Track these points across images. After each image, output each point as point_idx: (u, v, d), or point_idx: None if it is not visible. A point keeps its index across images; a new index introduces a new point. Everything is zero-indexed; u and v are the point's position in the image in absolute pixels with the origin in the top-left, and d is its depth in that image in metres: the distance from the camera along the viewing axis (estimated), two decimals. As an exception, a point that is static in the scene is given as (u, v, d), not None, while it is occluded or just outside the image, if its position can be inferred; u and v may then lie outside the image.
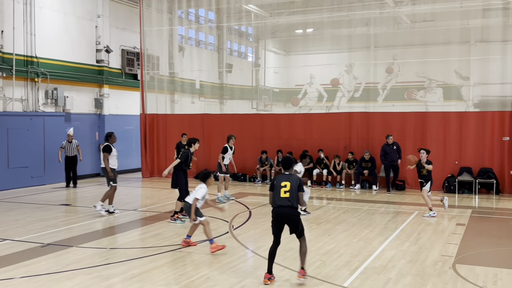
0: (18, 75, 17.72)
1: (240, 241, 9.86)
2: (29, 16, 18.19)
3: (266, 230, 10.70)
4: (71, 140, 18.00)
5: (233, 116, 20.80)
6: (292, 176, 7.46)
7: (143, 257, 8.69)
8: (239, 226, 11.27)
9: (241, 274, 7.77)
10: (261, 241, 9.79)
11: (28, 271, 7.85)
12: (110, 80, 21.86)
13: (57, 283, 7.30)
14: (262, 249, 9.14)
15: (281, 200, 7.30)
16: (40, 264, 8.29)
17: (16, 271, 7.87)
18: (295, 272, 7.70)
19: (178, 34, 23.40)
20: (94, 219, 12.20)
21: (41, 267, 8.11)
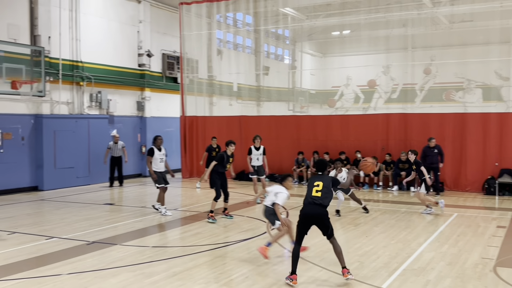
0: (64, 79, 18.23)
1: (277, 242, 9.83)
2: (74, 23, 18.68)
3: (303, 231, 10.66)
4: (117, 141, 18.46)
5: (270, 118, 20.82)
6: (325, 176, 7.47)
7: (184, 255, 8.79)
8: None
9: (279, 274, 7.76)
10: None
11: (74, 268, 8.06)
12: (152, 83, 22.24)
13: (102, 279, 7.46)
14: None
15: (312, 198, 7.31)
16: (85, 261, 8.49)
17: (63, 267, 8.09)
18: (333, 273, 7.65)
19: (216, 38, 23.60)
20: (137, 218, 12.43)
21: (86, 264, 8.31)
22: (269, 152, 19.05)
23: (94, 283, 7.30)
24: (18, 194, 16.41)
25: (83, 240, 9.96)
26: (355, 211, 13.54)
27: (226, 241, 9.85)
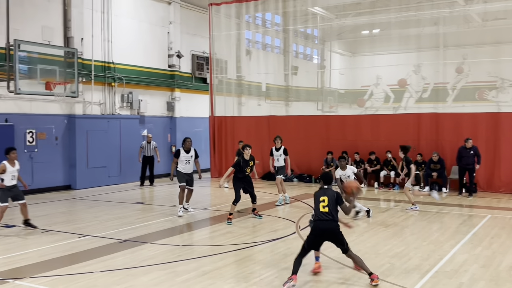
0: (96, 80, 18.55)
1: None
2: (106, 24, 18.99)
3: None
4: (150, 141, 18.73)
5: (299, 118, 20.75)
6: (329, 190, 7.39)
7: (213, 254, 8.83)
8: (306, 227, 11.19)
9: (309, 274, 7.72)
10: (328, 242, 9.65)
11: (106, 266, 8.18)
12: (181, 84, 22.44)
13: (134, 277, 7.56)
14: (328, 250, 9.03)
15: (321, 215, 7.31)
16: (117, 259, 8.62)
17: (96, 265, 8.22)
18: (362, 274, 7.57)
19: (245, 38, 23.63)
20: (167, 217, 12.55)
21: (118, 262, 8.43)
22: (298, 152, 19.08)
23: (126, 281, 7.40)
24: (52, 192, 16.77)
25: (115, 239, 10.11)
26: (385, 212, 13.38)
27: (255, 241, 9.85)
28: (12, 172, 10.63)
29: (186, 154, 12.78)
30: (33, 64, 14.13)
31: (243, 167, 11.90)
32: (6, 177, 10.54)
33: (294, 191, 17.40)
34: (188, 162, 12.78)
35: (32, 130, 16.45)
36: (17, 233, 10.64)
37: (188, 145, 12.86)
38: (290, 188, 18.18)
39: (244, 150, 12.03)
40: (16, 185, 10.79)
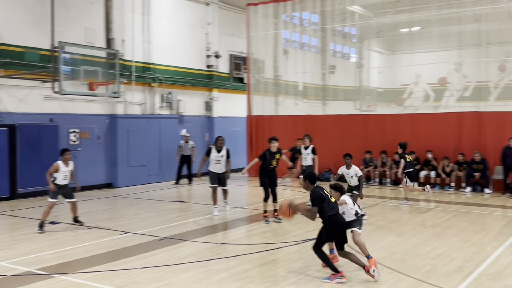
0: (137, 81, 18.89)
1: (346, 242, 9.70)
2: (147, 26, 19.31)
3: (372, 232, 10.48)
4: (188, 141, 18.92)
5: (336, 117, 20.57)
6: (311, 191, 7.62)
7: (251, 253, 8.86)
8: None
9: (348, 274, 7.65)
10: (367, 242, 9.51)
11: (147, 262, 8.32)
12: (219, 84, 22.60)
13: (174, 274, 7.66)
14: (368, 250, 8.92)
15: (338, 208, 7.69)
16: (157, 256, 8.75)
17: (137, 262, 8.37)
18: (403, 275, 7.46)
19: (282, 38, 23.62)
20: (205, 215, 12.66)
21: (158, 259, 8.56)
22: (336, 151, 18.88)
23: (166, 277, 7.51)
24: (94, 190, 17.17)
25: (155, 236, 10.27)
26: (425, 213, 13.12)
27: (293, 240, 9.82)
28: (64, 172, 10.98)
29: (217, 154, 12.39)
30: (76, 66, 14.50)
31: (269, 159, 11.68)
32: (58, 176, 10.91)
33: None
34: (218, 162, 12.40)
35: (76, 130, 16.90)
36: (62, 230, 10.94)
37: (220, 144, 12.45)
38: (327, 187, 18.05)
39: (270, 143, 11.71)
40: (67, 184, 11.13)
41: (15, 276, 7.63)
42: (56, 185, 10.90)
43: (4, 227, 11.41)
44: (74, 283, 7.21)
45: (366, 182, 18.66)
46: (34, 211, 13.01)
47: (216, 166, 12.47)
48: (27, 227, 11.21)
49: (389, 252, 8.80)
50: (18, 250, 9.15)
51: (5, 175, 15.01)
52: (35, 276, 7.57)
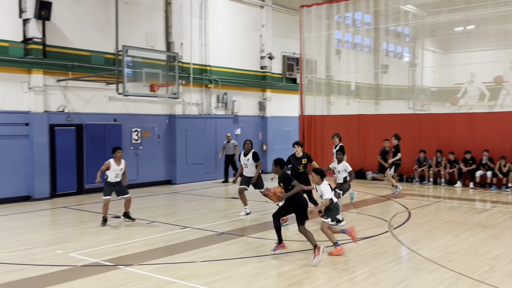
0: (194, 82, 19.22)
1: (400, 241, 9.52)
2: (204, 29, 19.61)
3: (427, 232, 10.22)
4: (229, 140, 18.94)
5: (389, 116, 20.15)
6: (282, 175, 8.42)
7: (307, 250, 8.81)
8: (398, 226, 10.89)
9: (404, 273, 7.50)
10: (423, 242, 9.34)
11: (206, 256, 8.46)
12: (272, 84, 22.65)
13: (232, 268, 7.75)
14: (424, 250, 8.73)
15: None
16: (216, 251, 8.88)
17: (197, 255, 8.52)
18: (460, 275, 7.23)
19: (335, 38, 23.36)
20: (260, 212, 12.72)
21: (216, 253, 8.68)
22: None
23: (225, 271, 7.60)
24: (154, 187, 17.61)
25: (212, 231, 10.41)
26: (482, 213, 12.65)
27: (347, 238, 9.69)
28: (115, 170, 11.08)
29: (243, 158, 11.94)
30: (138, 68, 14.90)
31: (294, 165, 11.28)
32: (110, 174, 11.08)
33: (385, 190, 16.96)
34: (245, 165, 11.92)
35: (138, 129, 17.40)
36: (124, 224, 11.27)
37: (246, 148, 11.95)
38: (381, 187, 17.78)
39: (294, 147, 11.37)
40: (120, 181, 11.25)
41: (84, 266, 7.93)
42: (108, 183, 11.07)
43: (73, 221, 11.89)
44: (139, 275, 7.42)
45: (420, 182, 18.21)
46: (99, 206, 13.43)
47: (245, 170, 12.01)
48: (93, 220, 11.64)
49: (446, 252, 8.55)
50: (86, 242, 9.51)
51: (73, 172, 15.64)
52: (102, 267, 7.85)
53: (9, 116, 14.24)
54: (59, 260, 8.23)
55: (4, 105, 14.16)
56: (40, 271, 7.65)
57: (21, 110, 14.50)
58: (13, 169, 14.36)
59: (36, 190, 14.65)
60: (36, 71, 14.62)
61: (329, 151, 20.87)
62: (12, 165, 14.35)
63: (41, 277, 7.40)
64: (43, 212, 13.14)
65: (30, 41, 14.46)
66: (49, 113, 15.03)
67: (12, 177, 14.33)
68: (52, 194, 15.10)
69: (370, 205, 13.85)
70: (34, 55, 14.49)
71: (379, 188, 17.31)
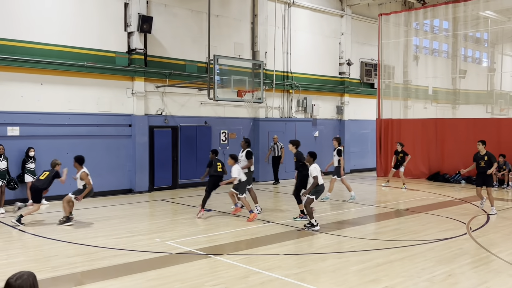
0: (277, 88, 19.34)
1: (480, 243, 8.98)
2: (286, 39, 19.67)
3: (507, 235, 9.56)
4: (276, 142, 18.09)
5: (468, 120, 19.11)
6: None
7: (385, 248, 8.58)
8: (477, 228, 10.29)
9: (484, 275, 7.06)
10: (502, 245, 8.75)
11: (289, 250, 8.48)
12: (350, 89, 22.25)
13: (313, 262, 7.70)
14: (505, 253, 8.18)
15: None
16: (297, 245, 8.88)
17: (279, 249, 8.55)
18: None
19: (413, 45, 22.54)
20: (338, 210, 12.55)
21: (298, 248, 8.68)
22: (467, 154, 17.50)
23: (306, 264, 7.58)
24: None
25: (293, 227, 10.41)
26: None
27: (425, 239, 9.32)
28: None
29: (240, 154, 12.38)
30: (227, 75, 15.24)
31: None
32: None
33: (462, 192, 16.11)
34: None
35: (225, 131, 17.79)
36: (214, 216, 11.57)
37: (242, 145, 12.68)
38: (458, 190, 16.92)
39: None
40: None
41: (179, 254, 8.23)
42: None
43: (168, 212, 12.38)
44: (228, 264, 7.58)
45: (499, 186, 17.09)
46: (191, 200, 13.96)
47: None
48: (186, 213, 12.05)
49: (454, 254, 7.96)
50: (180, 232, 9.86)
51: (169, 168, 16.29)
52: (195, 255, 8.11)
53: (115, 118, 15.10)
54: (157, 247, 8.60)
55: (111, 109, 15.04)
56: (141, 256, 8.04)
57: (125, 113, 15.32)
58: (117, 165, 15.21)
59: (137, 184, 15.43)
60: (139, 78, 15.39)
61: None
62: (117, 162, 15.20)
63: (143, 261, 7.77)
64: (143, 204, 13.79)
65: (134, 52, 15.24)
66: (149, 116, 15.76)
67: (116, 172, 15.18)
68: (151, 188, 15.82)
69: (448, 207, 13.19)
70: (137, 64, 15.26)
71: (457, 191, 16.46)
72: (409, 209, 12.69)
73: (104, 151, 14.86)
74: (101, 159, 14.73)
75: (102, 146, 14.81)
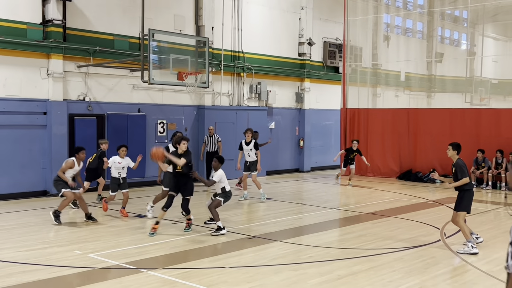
0: (225, 70, 19.32)
1: (454, 251, 9.33)
2: (237, 12, 19.65)
3: (484, 242, 9.97)
4: (212, 134, 17.38)
5: (444, 111, 19.80)
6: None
7: (348, 258, 8.77)
8: (452, 234, 10.67)
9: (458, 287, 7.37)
10: (480, 253, 9.12)
11: (237, 262, 8.50)
12: (311, 73, 22.52)
13: (264, 276, 7.76)
14: (481, 262, 8.55)
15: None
16: (247, 256, 8.92)
17: (226, 260, 8.57)
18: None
19: (383, 23, 23.07)
20: (296, 215, 12.71)
21: (248, 259, 8.72)
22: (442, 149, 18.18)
23: (256, 279, 7.62)
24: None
25: (244, 234, 10.45)
26: None
27: (394, 247, 9.59)
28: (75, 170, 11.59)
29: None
30: (165, 54, 15.04)
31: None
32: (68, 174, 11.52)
33: (437, 193, 16.69)
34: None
35: (163, 121, 17.60)
36: (149, 224, 11.42)
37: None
38: (432, 190, 17.51)
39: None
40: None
41: (104, 268, 8.08)
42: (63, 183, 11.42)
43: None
44: (163, 280, 7.51)
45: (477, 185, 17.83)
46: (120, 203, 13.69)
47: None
48: (114, 219, 11.84)
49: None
50: (106, 243, 9.66)
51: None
52: (124, 270, 7.98)
53: (26, 104, 14.61)
54: (78, 261, 8.40)
55: (21, 92, 14.53)
56: (57, 272, 7.83)
57: (39, 98, 14.86)
58: (29, 161, 14.75)
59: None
60: (56, 55, 14.95)
61: (374, 148, 20.70)
62: (29, 157, 14.74)
63: (58, 278, 7.57)
64: (61, 208, 13.42)
65: (50, 23, 14.78)
66: (69, 102, 15.36)
67: (28, 170, 14.72)
68: (71, 189, 15.42)
69: (420, 210, 13.63)
70: (54, 38, 14.80)
71: (431, 192, 17.04)
72: (377, 212, 13.01)
73: (13, 144, 14.38)
74: (9, 154, 14.27)
75: (10, 138, 14.32)
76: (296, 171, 22.25)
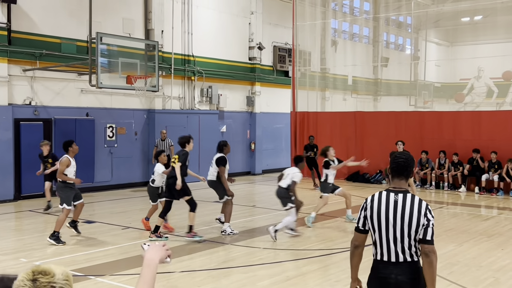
0: (176, 74, 19.18)
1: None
2: (187, 16, 19.55)
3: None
4: (164, 138, 17.19)
5: (389, 114, 20.28)
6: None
7: (297, 259, 8.88)
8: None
9: (402, 285, 7.54)
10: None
11: (186, 266, 8.45)
12: (262, 77, 22.64)
13: (214, 280, 7.75)
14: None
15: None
16: (197, 260, 8.88)
17: (176, 265, 8.47)
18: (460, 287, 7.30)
19: (331, 28, 23.46)
20: (247, 217, 12.74)
21: (197, 263, 8.68)
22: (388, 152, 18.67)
23: (206, 283, 7.60)
24: (130, 189, 17.49)
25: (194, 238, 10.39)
26: (487, 220, 12.77)
27: (342, 247, 9.75)
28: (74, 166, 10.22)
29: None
30: (114, 58, 14.82)
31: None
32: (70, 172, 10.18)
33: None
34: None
35: (112, 125, 17.30)
36: (98, 230, 11.21)
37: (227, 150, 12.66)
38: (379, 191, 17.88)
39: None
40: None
41: (51, 276, 7.86)
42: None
43: (40, 226, 11.79)
44: (111, 286, 7.40)
45: (421, 185, 18.34)
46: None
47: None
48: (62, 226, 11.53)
49: (448, 263, 8.62)
50: (54, 250, 9.45)
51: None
52: (71, 277, 7.79)
53: (-31, 109, 14.09)
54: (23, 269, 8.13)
55: (-37, 97, 14.01)
56: (2, 281, 7.57)
57: (-17, 102, 14.36)
58: (-27, 168, 14.22)
59: (-2, 191, 14.54)
60: (0, 59, 14.48)
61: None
62: (-28, 164, 14.21)
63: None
64: (6, 216, 13.03)
65: (-6, 26, 14.32)
66: (14, 106, 14.89)
67: (-28, 177, 14.19)
68: (17, 196, 14.96)
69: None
70: (-2, 41, 14.36)
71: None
72: (325, 214, 13.19)
73: (-46, 150, 13.82)
74: (-50, 160, 13.68)
75: (-49, 144, 13.76)
76: (247, 174, 22.30)
